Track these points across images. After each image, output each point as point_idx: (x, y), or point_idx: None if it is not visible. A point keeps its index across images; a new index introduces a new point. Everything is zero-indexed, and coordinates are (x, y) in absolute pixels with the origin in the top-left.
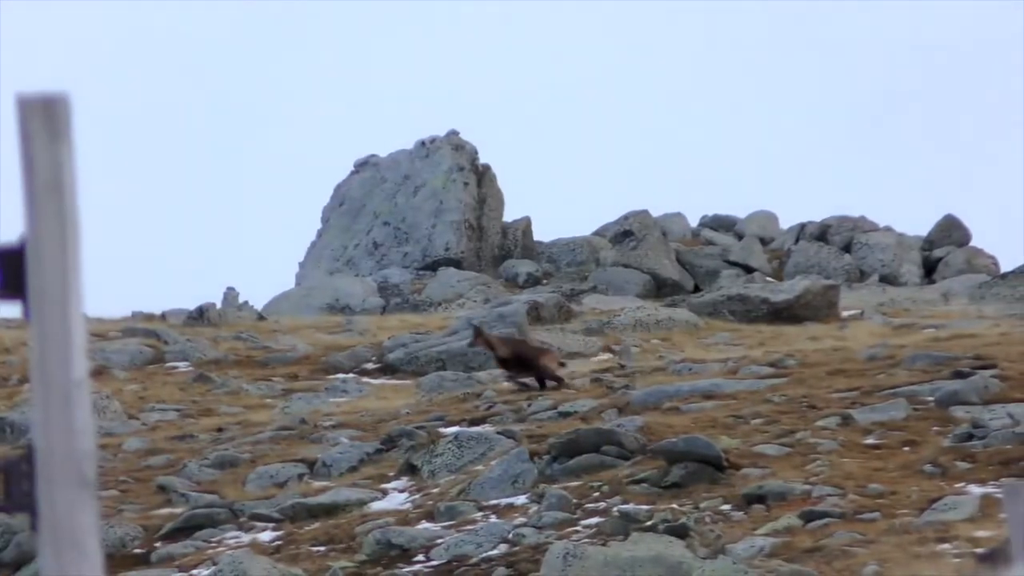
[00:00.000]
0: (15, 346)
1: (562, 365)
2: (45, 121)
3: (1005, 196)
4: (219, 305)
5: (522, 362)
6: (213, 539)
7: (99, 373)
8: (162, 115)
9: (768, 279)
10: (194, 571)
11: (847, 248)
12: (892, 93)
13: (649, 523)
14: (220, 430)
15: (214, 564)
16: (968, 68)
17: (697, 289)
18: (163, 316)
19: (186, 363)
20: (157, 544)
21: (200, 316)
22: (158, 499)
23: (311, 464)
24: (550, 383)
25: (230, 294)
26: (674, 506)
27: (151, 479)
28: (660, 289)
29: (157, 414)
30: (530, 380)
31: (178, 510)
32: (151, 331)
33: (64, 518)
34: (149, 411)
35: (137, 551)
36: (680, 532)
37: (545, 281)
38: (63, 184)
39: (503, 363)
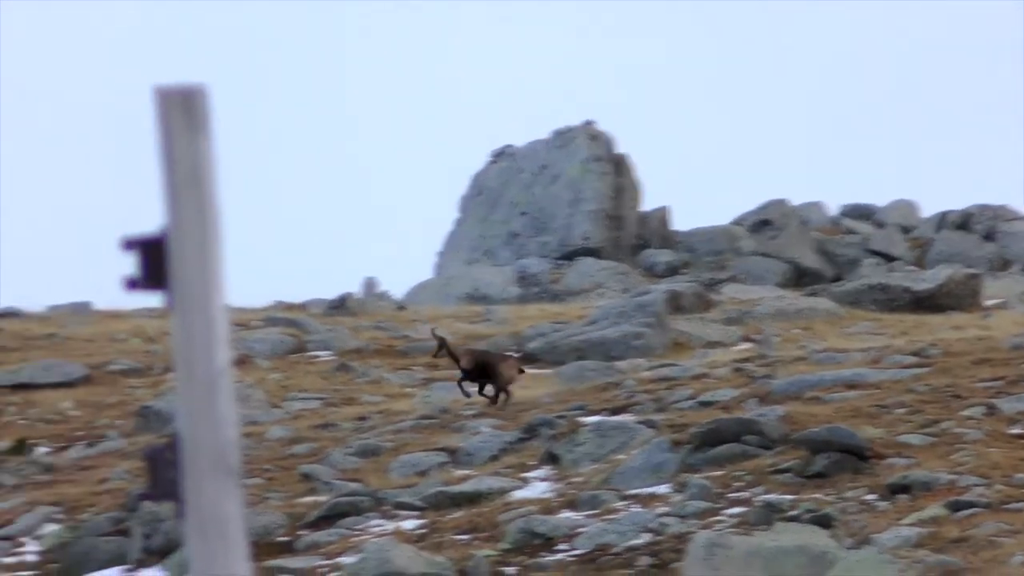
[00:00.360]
0: (159, 336)
1: (521, 372)
2: (184, 113)
3: None
4: (359, 294)
5: (485, 371)
6: (357, 527)
7: (242, 362)
8: (303, 106)
9: (909, 268)
10: (338, 559)
11: (989, 236)
12: None
13: (793, 513)
14: (362, 419)
15: (358, 552)
16: None
17: (837, 278)
18: (304, 306)
19: (328, 352)
20: (301, 532)
21: (341, 305)
22: (302, 487)
23: (452, 452)
24: (503, 394)
25: (370, 283)
26: (818, 496)
27: (295, 467)
28: (800, 278)
29: (300, 403)
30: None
31: (322, 498)
32: (292, 320)
33: (209, 506)
34: (292, 400)
35: (282, 539)
36: (824, 522)
37: (683, 270)
38: (203, 175)
39: (467, 374)
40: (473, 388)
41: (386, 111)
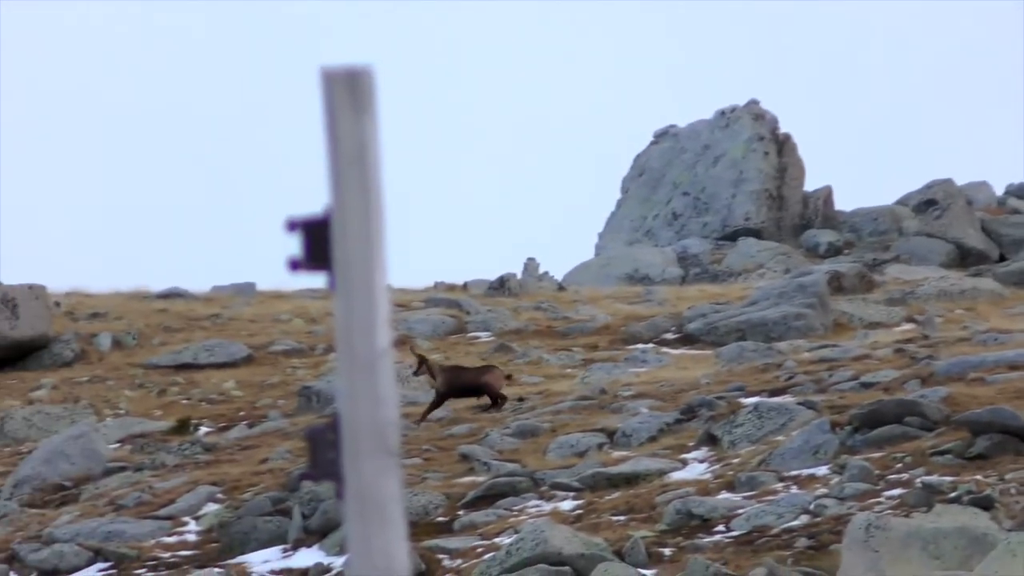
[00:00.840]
0: (320, 316)
1: (508, 378)
2: (349, 94)
3: None
4: (520, 275)
5: (466, 389)
6: (515, 507)
7: (402, 343)
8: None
9: None
10: (496, 539)
11: None
12: None
13: (953, 495)
14: (521, 399)
15: (516, 532)
16: None
17: (1002, 258)
18: (465, 286)
19: (487, 333)
20: (460, 512)
21: (501, 286)
22: (460, 467)
23: (611, 434)
24: (500, 400)
25: (530, 264)
26: (978, 477)
27: (453, 448)
28: (964, 259)
29: None
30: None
31: (480, 478)
32: (453, 301)
33: (369, 486)
34: None
35: (440, 519)
36: (985, 504)
37: (846, 251)
38: (367, 156)
39: (442, 396)
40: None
41: (550, 91)
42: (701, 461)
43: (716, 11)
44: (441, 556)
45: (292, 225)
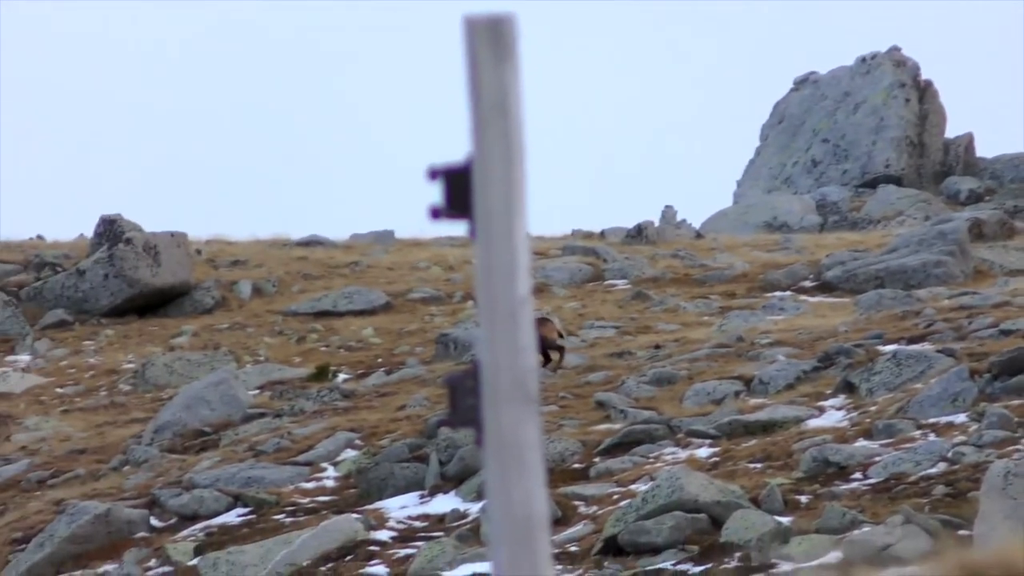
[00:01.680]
0: (459, 264)
1: (561, 336)
2: (491, 43)
3: None
4: (657, 223)
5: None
6: (651, 455)
7: (540, 291)
8: (606, 34)
9: None
10: (632, 486)
11: None
12: None
13: None
14: (658, 347)
15: (651, 479)
16: None
17: None
18: (602, 234)
19: (624, 281)
20: (596, 459)
21: (638, 234)
22: (597, 415)
23: (748, 381)
24: (554, 355)
25: (668, 212)
26: None
27: (590, 395)
28: None
29: (596, 331)
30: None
31: (616, 426)
32: (590, 249)
33: (508, 433)
34: (588, 328)
35: (576, 466)
36: None
37: (987, 198)
38: (509, 105)
39: None
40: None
41: (690, 38)
42: (838, 409)
43: None
44: (577, 503)
45: (434, 173)
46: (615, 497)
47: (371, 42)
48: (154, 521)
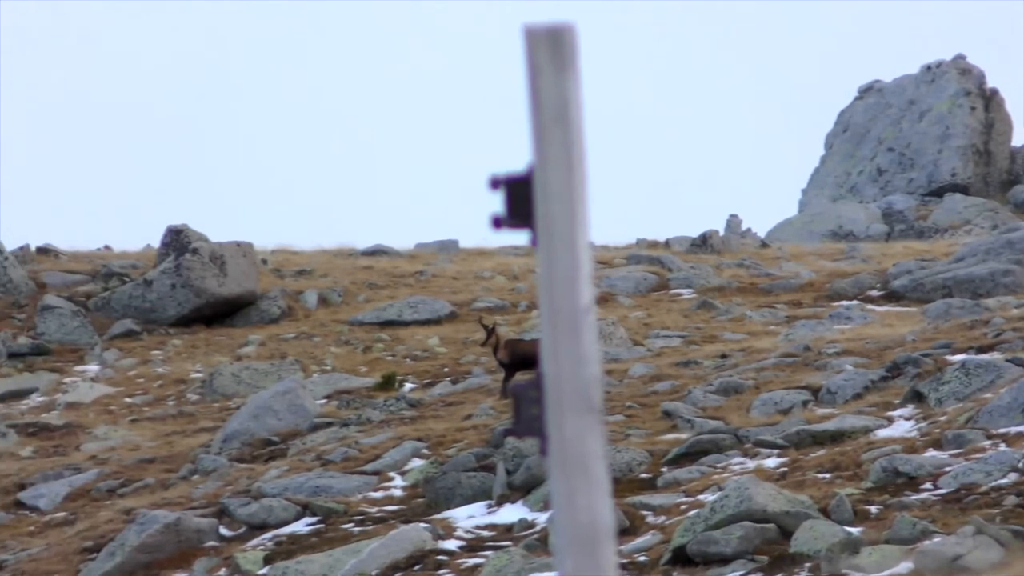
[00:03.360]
0: (523, 273)
1: None
2: (552, 52)
3: None
4: (722, 232)
5: (525, 360)
6: (718, 464)
7: (604, 300)
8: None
9: None
10: (700, 496)
11: None
12: None
13: None
14: (724, 356)
15: (719, 489)
16: None
17: None
18: (667, 243)
19: (689, 290)
20: (663, 469)
21: (703, 243)
22: (663, 424)
23: (815, 391)
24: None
25: (733, 221)
26: None
27: (656, 405)
28: None
29: (661, 340)
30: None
31: (683, 435)
32: (655, 258)
33: (572, 443)
34: (654, 337)
35: (643, 475)
36: None
37: None
38: (569, 114)
39: (504, 367)
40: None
41: (753, 46)
42: (907, 419)
43: None
44: (644, 512)
45: (495, 183)
46: (683, 507)
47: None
48: (223, 530)
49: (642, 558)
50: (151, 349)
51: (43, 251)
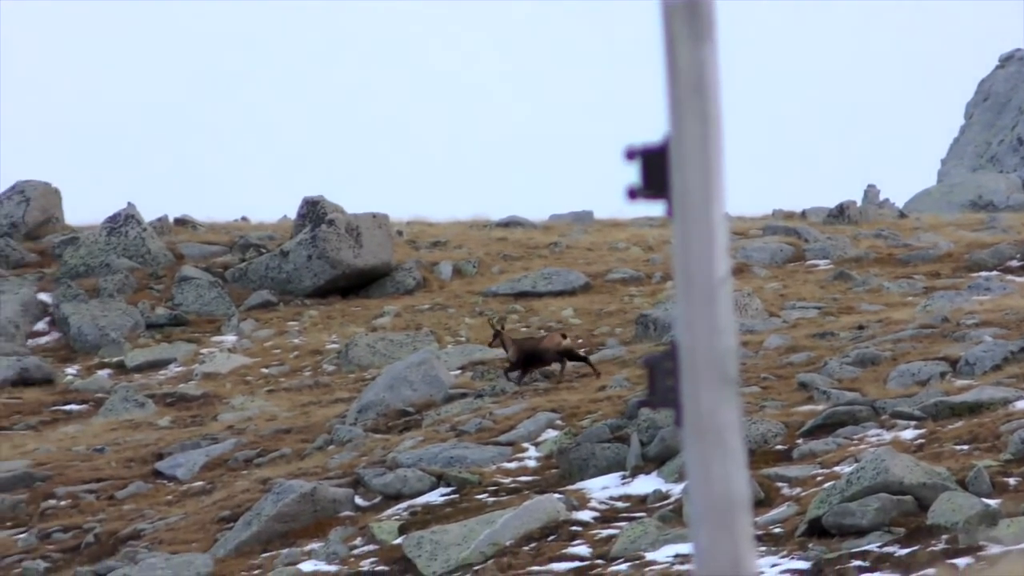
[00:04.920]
0: (657, 244)
1: (564, 337)
2: (689, 23)
3: None
4: (859, 203)
5: (532, 356)
6: (855, 436)
7: (740, 271)
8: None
9: None
10: (836, 468)
11: None
12: None
13: None
14: (860, 328)
15: (856, 461)
16: None
17: None
18: (803, 214)
19: (826, 261)
20: (799, 440)
21: (840, 214)
22: (799, 396)
23: (953, 362)
24: (573, 363)
25: (870, 191)
26: None
27: (792, 376)
28: None
29: (797, 312)
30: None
31: (819, 407)
32: (791, 229)
33: (707, 414)
34: (789, 309)
35: (779, 447)
36: None
37: None
38: (706, 85)
39: (512, 366)
40: (517, 374)
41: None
42: None
43: None
44: (780, 484)
45: (631, 154)
46: (818, 479)
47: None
48: (358, 500)
49: (777, 530)
50: (287, 320)
51: (181, 222)
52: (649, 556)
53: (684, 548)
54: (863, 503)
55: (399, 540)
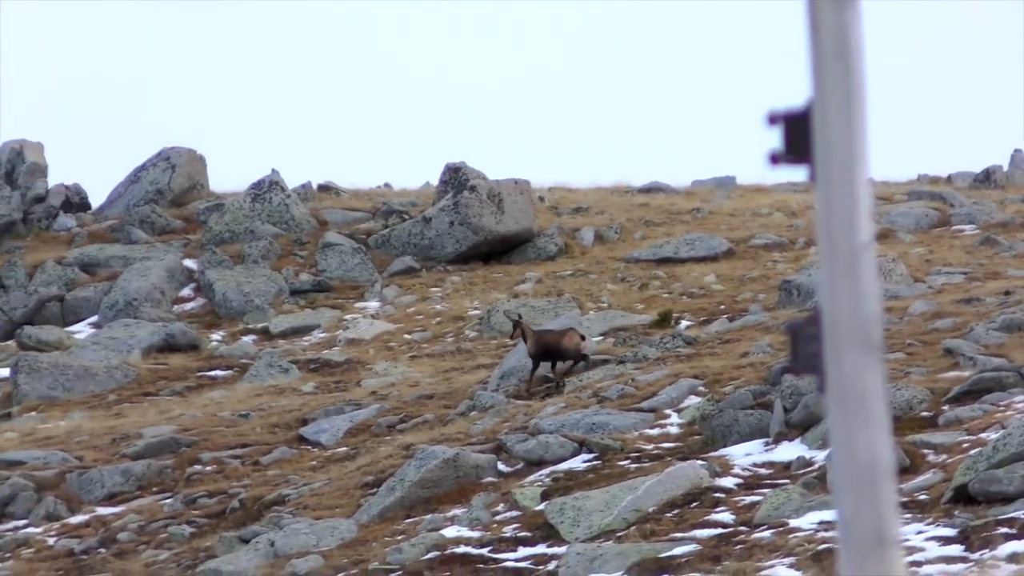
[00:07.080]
0: (801, 210)
1: (582, 338)
2: None
3: None
4: (1006, 167)
5: (549, 350)
6: (1001, 403)
7: (884, 236)
8: None
9: None
10: (982, 434)
11: None
12: None
13: None
14: (1007, 293)
15: (1002, 427)
16: None
17: None
18: (949, 179)
19: (972, 226)
20: (944, 407)
21: (986, 178)
22: (944, 362)
23: None
24: (580, 360)
25: (1018, 156)
26: None
27: (937, 342)
28: None
29: (943, 277)
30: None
31: (965, 373)
32: (936, 194)
33: (851, 380)
34: (935, 274)
35: (924, 414)
36: None
37: None
38: (849, 49)
39: (534, 358)
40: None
41: None
42: None
43: None
44: (925, 451)
45: (773, 118)
46: (964, 446)
47: None
48: (501, 466)
49: (923, 497)
50: (430, 286)
51: (324, 189)
52: (793, 523)
53: (828, 515)
54: (1010, 470)
55: (541, 506)
